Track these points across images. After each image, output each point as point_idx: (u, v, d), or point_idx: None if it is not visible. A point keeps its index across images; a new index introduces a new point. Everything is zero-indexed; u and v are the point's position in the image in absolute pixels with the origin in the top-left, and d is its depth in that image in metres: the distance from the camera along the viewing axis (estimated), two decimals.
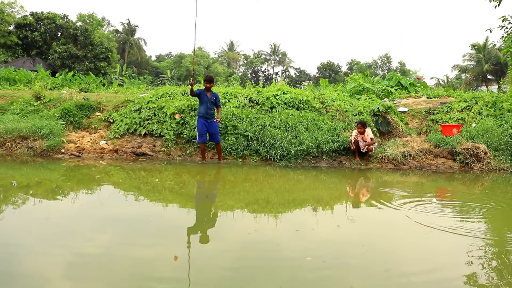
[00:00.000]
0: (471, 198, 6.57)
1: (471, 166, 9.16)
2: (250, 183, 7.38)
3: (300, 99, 10.88)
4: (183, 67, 58.19)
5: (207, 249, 3.94)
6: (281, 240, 4.24)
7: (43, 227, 4.35)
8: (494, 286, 3.26)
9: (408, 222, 4.96)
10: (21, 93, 13.35)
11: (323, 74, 65.55)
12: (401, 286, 3.22)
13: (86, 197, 6.12)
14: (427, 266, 3.65)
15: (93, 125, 11.02)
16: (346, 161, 9.44)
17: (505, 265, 3.72)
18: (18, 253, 3.53)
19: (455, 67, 49.11)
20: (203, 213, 5.33)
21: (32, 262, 3.34)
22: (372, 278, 3.33)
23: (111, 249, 3.65)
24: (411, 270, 3.56)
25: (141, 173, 8.01)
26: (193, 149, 9.82)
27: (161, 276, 3.17)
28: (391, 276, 3.39)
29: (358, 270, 3.50)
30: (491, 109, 11.03)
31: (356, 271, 3.46)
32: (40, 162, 8.86)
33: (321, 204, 5.96)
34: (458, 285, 3.27)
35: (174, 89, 11.76)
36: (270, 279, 3.24)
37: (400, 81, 15.66)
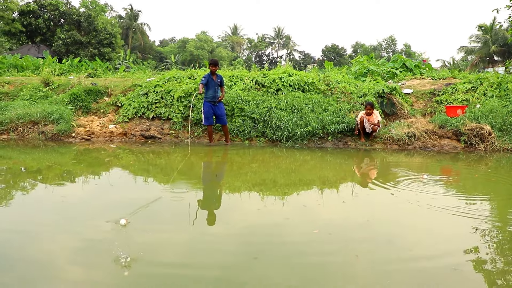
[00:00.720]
0: (474, 177, 6.73)
1: (475, 146, 9.27)
2: (257, 164, 7.56)
3: (306, 81, 10.99)
4: (187, 52, 58.12)
5: (216, 229, 4.11)
6: (289, 214, 4.42)
7: (56, 209, 4.45)
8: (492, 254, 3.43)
9: (410, 199, 5.13)
10: (29, 79, 13.52)
11: (327, 57, 65.23)
12: (403, 256, 3.39)
13: (97, 180, 6.30)
14: (428, 239, 3.82)
15: (101, 109, 11.19)
16: (351, 142, 9.59)
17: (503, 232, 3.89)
18: (29, 237, 3.56)
19: (461, 49, 48.66)
20: (212, 193, 5.51)
21: (41, 247, 3.37)
22: (376, 249, 3.50)
23: (118, 233, 3.62)
24: (413, 241, 3.72)
25: (150, 155, 8.20)
26: (200, 131, 10.01)
27: (167, 261, 3.15)
28: (394, 247, 3.56)
29: (363, 241, 3.66)
30: (496, 90, 11.08)
31: (361, 243, 3.62)
32: (52, 146, 9.05)
33: (327, 183, 6.13)
34: (458, 257, 3.44)
35: (180, 73, 11.89)
36: (278, 251, 3.42)
37: (405, 63, 15.66)
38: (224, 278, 2.92)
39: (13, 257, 3.17)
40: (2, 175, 6.33)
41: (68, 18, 37.39)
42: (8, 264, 3.04)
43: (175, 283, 2.82)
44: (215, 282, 2.86)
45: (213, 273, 3.00)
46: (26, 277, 2.85)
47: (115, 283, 2.80)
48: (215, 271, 3.03)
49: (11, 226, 3.90)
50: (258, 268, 3.08)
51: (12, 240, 3.54)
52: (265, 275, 2.97)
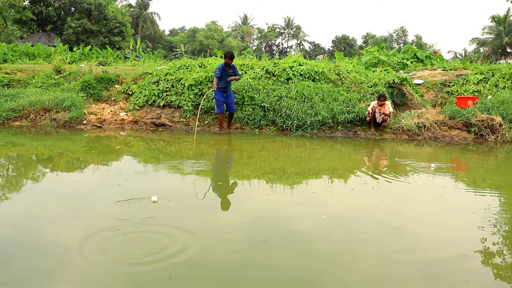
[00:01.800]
0: (483, 167, 6.74)
1: (486, 137, 9.22)
2: (267, 152, 7.61)
3: (316, 70, 10.98)
4: (196, 41, 58.02)
5: (227, 215, 4.18)
6: (299, 200, 4.48)
7: (67, 197, 4.51)
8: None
9: (419, 188, 5.18)
10: (41, 67, 13.64)
11: (337, 48, 64.75)
12: (410, 240, 3.44)
13: (109, 167, 6.40)
14: (435, 225, 3.86)
15: (112, 97, 11.28)
16: (361, 131, 9.60)
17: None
18: (40, 225, 3.57)
19: (474, 41, 48.03)
20: (223, 180, 5.57)
21: (52, 234, 3.38)
22: (384, 234, 3.55)
23: (127, 222, 3.58)
24: (421, 229, 3.76)
25: (161, 143, 8.29)
26: (211, 119, 10.07)
27: (176, 250, 3.07)
28: (401, 232, 3.61)
29: (371, 227, 3.71)
30: (508, 81, 10.98)
31: (369, 228, 3.67)
32: (64, 133, 9.15)
33: (336, 171, 6.18)
34: (465, 246, 3.48)
35: (191, 62, 11.93)
36: (288, 233, 3.49)
37: (416, 54, 15.55)
38: (234, 261, 2.99)
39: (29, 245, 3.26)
40: (16, 162, 6.44)
41: (79, 7, 37.45)
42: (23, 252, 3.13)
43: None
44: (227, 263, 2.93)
45: (227, 257, 3.06)
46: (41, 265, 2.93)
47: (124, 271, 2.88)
48: (229, 255, 3.10)
49: (27, 211, 3.99)
50: (267, 250, 3.14)
51: (31, 225, 3.63)
52: (274, 256, 3.04)
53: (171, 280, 2.63)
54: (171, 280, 2.63)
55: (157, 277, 2.65)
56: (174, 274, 2.71)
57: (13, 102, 10.54)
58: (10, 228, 3.45)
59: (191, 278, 2.69)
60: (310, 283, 2.68)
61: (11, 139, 8.33)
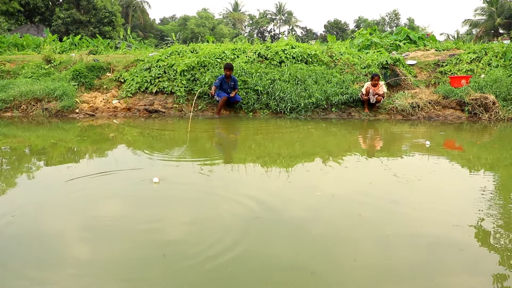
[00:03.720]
0: (476, 145, 6.77)
1: (479, 116, 9.24)
2: (262, 135, 7.58)
3: (309, 53, 10.93)
4: (188, 30, 57.58)
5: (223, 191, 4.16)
6: (293, 178, 4.47)
7: (61, 189, 4.34)
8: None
9: (413, 165, 5.19)
10: (31, 57, 13.47)
11: (330, 33, 64.45)
12: (404, 215, 3.44)
13: (104, 157, 6.34)
14: (428, 198, 3.88)
15: (104, 85, 11.18)
16: (355, 112, 9.59)
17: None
18: (35, 216, 3.43)
19: (466, 22, 48.03)
20: (219, 162, 5.54)
21: (49, 225, 3.24)
22: (378, 208, 3.55)
23: (124, 213, 3.49)
24: (414, 202, 3.77)
25: (155, 129, 8.23)
26: (204, 104, 10.03)
27: (171, 239, 2.98)
28: (396, 208, 3.60)
29: (366, 203, 3.70)
30: (501, 60, 10.98)
31: (364, 204, 3.66)
32: (56, 123, 9.06)
33: (331, 151, 6.16)
34: (458, 218, 3.49)
35: (183, 47, 11.83)
36: (283, 208, 3.48)
37: (409, 35, 15.49)
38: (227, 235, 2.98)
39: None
40: (9, 154, 6.37)
41: None
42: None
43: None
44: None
45: (222, 234, 3.05)
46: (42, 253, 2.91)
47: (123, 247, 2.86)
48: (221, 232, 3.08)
49: (23, 201, 3.95)
50: (259, 228, 3.13)
51: (30, 213, 3.60)
52: (267, 231, 3.04)
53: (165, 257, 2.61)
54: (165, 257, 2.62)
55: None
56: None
57: (3, 93, 10.42)
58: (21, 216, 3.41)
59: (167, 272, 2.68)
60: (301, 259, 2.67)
61: (2, 130, 8.24)
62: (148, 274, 2.43)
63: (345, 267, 2.55)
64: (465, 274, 2.49)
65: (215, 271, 2.47)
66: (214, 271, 2.47)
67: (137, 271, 2.48)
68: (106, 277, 2.42)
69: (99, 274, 2.44)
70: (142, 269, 2.50)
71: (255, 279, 2.40)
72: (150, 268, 2.50)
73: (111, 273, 2.46)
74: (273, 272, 2.46)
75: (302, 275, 2.42)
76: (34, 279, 2.38)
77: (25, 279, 2.39)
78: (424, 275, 2.46)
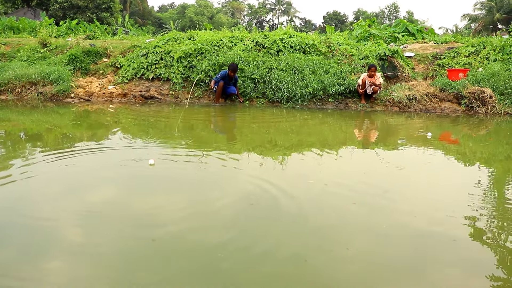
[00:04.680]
0: (472, 137, 6.78)
1: (476, 110, 9.22)
2: (257, 125, 7.55)
3: (307, 43, 10.86)
4: (186, 18, 57.21)
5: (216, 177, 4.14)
6: (287, 166, 4.45)
7: (55, 175, 4.29)
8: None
9: (408, 156, 5.19)
10: (26, 40, 13.34)
11: (329, 24, 64.25)
12: (397, 205, 3.42)
13: (99, 142, 6.30)
14: (423, 189, 3.88)
15: (100, 70, 11.10)
16: (352, 103, 9.56)
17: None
18: (30, 202, 3.33)
19: (465, 17, 47.93)
20: (215, 149, 5.51)
21: (42, 212, 3.12)
22: (371, 198, 3.54)
23: (117, 199, 3.45)
24: (408, 193, 3.78)
25: (151, 115, 8.17)
26: (200, 91, 9.97)
27: (164, 223, 2.93)
28: (389, 197, 3.60)
29: (359, 191, 3.68)
30: (499, 54, 10.95)
31: (357, 192, 3.64)
32: (51, 107, 8.99)
33: (326, 141, 6.14)
34: (450, 210, 3.48)
35: (180, 34, 11.73)
36: (277, 195, 3.46)
37: (407, 28, 15.43)
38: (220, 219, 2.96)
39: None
40: (4, 138, 6.32)
41: None
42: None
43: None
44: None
45: (216, 222, 3.03)
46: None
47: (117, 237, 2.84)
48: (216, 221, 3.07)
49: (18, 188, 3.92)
50: (253, 212, 3.12)
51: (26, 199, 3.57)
52: (258, 220, 3.02)
53: (154, 241, 2.59)
54: (154, 241, 2.60)
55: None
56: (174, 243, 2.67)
57: None
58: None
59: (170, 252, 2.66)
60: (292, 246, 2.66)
61: None
62: (140, 259, 2.42)
63: (337, 256, 2.53)
64: (457, 265, 2.48)
65: (207, 257, 2.45)
66: (206, 257, 2.45)
67: (130, 255, 2.47)
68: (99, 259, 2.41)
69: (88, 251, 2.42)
70: (135, 253, 2.48)
71: (244, 267, 2.38)
72: (141, 253, 2.48)
73: (104, 256, 2.44)
74: (264, 260, 2.44)
75: (295, 264, 2.41)
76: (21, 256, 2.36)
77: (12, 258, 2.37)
78: (416, 265, 2.45)
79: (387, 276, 2.33)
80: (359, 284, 2.24)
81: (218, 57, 10.20)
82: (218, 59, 10.13)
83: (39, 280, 2.19)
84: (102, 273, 2.27)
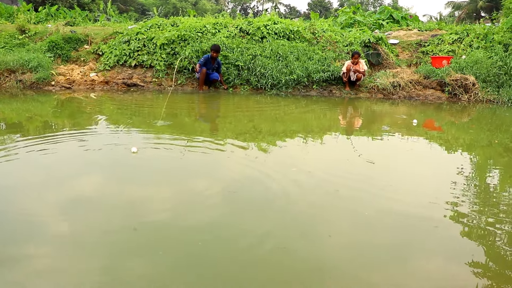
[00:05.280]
0: (455, 124, 6.83)
1: (459, 97, 9.29)
2: (241, 112, 7.49)
3: (291, 29, 10.77)
4: (170, 4, 56.40)
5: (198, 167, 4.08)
6: (271, 153, 4.42)
7: (37, 165, 4.12)
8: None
9: (391, 143, 5.20)
10: (3, 26, 12.94)
11: (313, 11, 63.93)
12: (382, 189, 3.44)
13: (80, 130, 6.17)
14: (405, 175, 3.91)
15: (82, 57, 10.86)
16: (336, 90, 9.55)
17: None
18: (12, 194, 3.20)
19: (449, 4, 48.12)
20: (198, 138, 5.44)
21: (26, 203, 2.99)
22: (356, 183, 3.53)
23: (104, 188, 3.38)
24: (391, 180, 3.78)
25: (133, 103, 8.04)
26: (184, 79, 9.85)
27: (153, 215, 2.84)
28: (374, 184, 3.60)
29: (343, 178, 3.67)
30: (482, 41, 11.01)
31: (341, 179, 3.63)
32: (31, 95, 8.79)
33: (310, 129, 6.12)
34: (433, 195, 3.49)
35: (163, 20, 11.52)
36: (261, 183, 3.42)
37: (392, 15, 15.44)
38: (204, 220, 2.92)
39: None
40: None
41: None
42: None
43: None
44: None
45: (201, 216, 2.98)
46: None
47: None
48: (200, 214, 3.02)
49: None
50: (235, 202, 3.08)
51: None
52: (241, 207, 2.98)
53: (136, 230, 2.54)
54: (136, 229, 2.55)
55: None
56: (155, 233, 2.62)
57: None
58: None
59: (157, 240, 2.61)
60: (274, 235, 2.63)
61: None
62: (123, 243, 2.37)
63: (319, 243, 2.51)
64: (439, 251, 2.48)
65: (192, 245, 2.42)
66: (191, 245, 2.42)
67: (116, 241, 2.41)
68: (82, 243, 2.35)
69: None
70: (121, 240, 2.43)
71: (227, 255, 2.35)
72: (124, 238, 2.43)
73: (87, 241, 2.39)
74: (246, 248, 2.42)
75: (276, 251, 2.38)
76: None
77: None
78: (399, 251, 2.46)
79: (369, 262, 2.32)
80: (340, 270, 2.24)
81: (202, 44, 10.06)
82: (201, 45, 9.99)
83: (19, 271, 2.14)
84: (84, 263, 2.22)
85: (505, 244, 2.58)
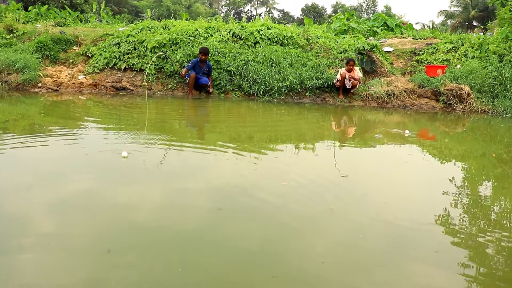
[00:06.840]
0: (449, 136, 6.73)
1: (454, 107, 9.19)
2: (233, 118, 7.33)
3: (284, 35, 10.62)
4: (163, 6, 56.26)
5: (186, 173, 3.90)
6: (261, 164, 4.25)
7: (25, 167, 4.01)
8: None
9: (385, 155, 5.10)
10: None
11: (307, 17, 64.24)
12: (365, 195, 3.42)
13: (68, 136, 5.95)
14: (400, 191, 3.76)
15: (70, 59, 10.63)
16: (329, 98, 9.40)
17: None
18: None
19: (442, 13, 48.55)
20: (186, 145, 5.25)
21: (13, 205, 2.93)
22: (350, 199, 3.41)
23: (92, 191, 3.27)
24: (385, 189, 3.70)
25: (122, 108, 7.83)
26: (174, 83, 9.65)
27: (142, 219, 2.82)
28: (364, 194, 3.51)
29: (336, 194, 3.50)
30: (477, 51, 10.94)
31: (334, 195, 3.47)
32: (17, 97, 8.57)
33: (302, 138, 5.99)
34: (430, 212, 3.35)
35: (154, 23, 11.33)
36: (243, 202, 3.24)
37: (386, 22, 15.37)
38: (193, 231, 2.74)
39: None
40: None
41: None
42: None
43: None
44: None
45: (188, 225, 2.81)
46: None
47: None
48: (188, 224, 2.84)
49: None
50: (223, 218, 2.92)
51: None
52: (229, 225, 2.82)
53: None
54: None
55: None
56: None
57: None
58: None
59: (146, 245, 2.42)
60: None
61: None
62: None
63: (312, 252, 2.44)
64: (432, 260, 2.44)
65: (183, 254, 2.35)
66: (182, 254, 2.35)
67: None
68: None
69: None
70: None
71: (213, 259, 2.29)
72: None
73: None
74: (233, 253, 2.37)
75: (264, 257, 2.34)
76: None
77: None
78: (389, 258, 2.45)
79: (358, 268, 2.31)
80: (329, 277, 2.20)
81: (194, 48, 9.87)
82: (193, 49, 9.80)
83: (5, 273, 2.08)
84: (71, 264, 2.18)
85: (493, 253, 2.54)
